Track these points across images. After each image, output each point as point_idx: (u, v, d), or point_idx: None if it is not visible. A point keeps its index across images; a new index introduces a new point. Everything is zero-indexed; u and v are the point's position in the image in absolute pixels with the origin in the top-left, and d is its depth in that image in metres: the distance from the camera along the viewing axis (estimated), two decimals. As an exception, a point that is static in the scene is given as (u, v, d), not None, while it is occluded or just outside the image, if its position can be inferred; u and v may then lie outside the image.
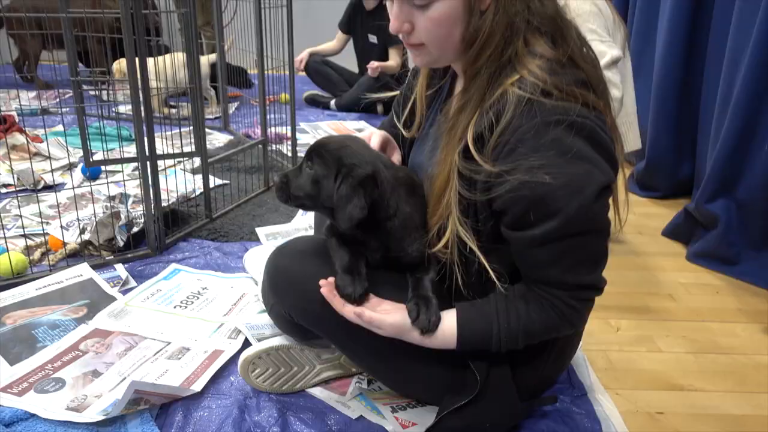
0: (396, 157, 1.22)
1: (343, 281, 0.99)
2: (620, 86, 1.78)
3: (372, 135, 1.18)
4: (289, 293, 1.10)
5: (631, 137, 1.97)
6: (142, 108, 1.66)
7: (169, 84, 2.90)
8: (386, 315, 0.98)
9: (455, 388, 1.08)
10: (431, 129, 1.11)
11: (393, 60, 3.78)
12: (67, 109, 3.44)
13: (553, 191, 0.86)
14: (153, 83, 1.87)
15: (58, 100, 3.66)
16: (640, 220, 2.30)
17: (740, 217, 1.87)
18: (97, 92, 3.42)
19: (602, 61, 1.75)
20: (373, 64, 3.69)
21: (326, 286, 0.99)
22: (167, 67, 2.68)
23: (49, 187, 2.27)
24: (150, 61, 1.81)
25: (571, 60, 0.91)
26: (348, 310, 0.98)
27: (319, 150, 1.02)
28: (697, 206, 1.98)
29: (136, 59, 1.60)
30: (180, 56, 2.79)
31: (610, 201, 0.98)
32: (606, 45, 1.75)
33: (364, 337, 1.04)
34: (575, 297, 0.96)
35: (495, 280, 0.96)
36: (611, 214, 0.99)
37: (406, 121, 1.21)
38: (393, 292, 1.03)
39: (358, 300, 0.99)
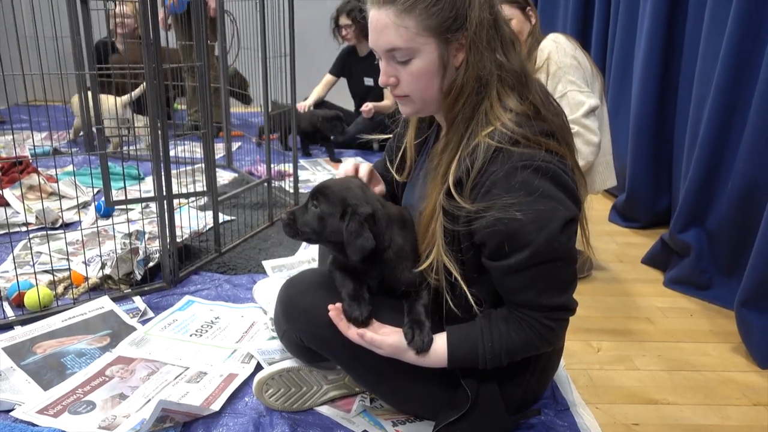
0: (379, 189, 1.37)
1: (350, 307, 1.13)
2: (598, 133, 1.96)
3: (361, 165, 1.33)
4: (300, 320, 1.24)
5: (608, 175, 2.13)
6: (161, 150, 1.82)
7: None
8: (386, 336, 1.13)
9: (449, 405, 1.22)
10: (420, 173, 1.27)
11: (388, 100, 3.98)
12: (77, 149, 3.60)
13: (523, 226, 1.01)
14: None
15: (67, 140, 3.83)
16: (621, 249, 2.45)
17: (710, 246, 2.02)
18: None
19: (581, 110, 1.93)
20: (368, 106, 3.88)
21: (334, 311, 1.14)
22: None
23: (64, 226, 2.41)
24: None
25: (536, 112, 1.08)
26: (352, 332, 1.13)
27: (324, 191, 1.16)
28: (672, 236, 2.14)
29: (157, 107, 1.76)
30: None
31: (579, 231, 1.13)
32: (584, 95, 1.93)
33: (366, 359, 1.18)
34: (549, 317, 1.10)
35: (473, 304, 1.11)
36: (581, 241, 1.14)
37: (398, 167, 1.37)
38: (391, 315, 1.18)
39: (363, 323, 1.13)
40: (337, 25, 3.93)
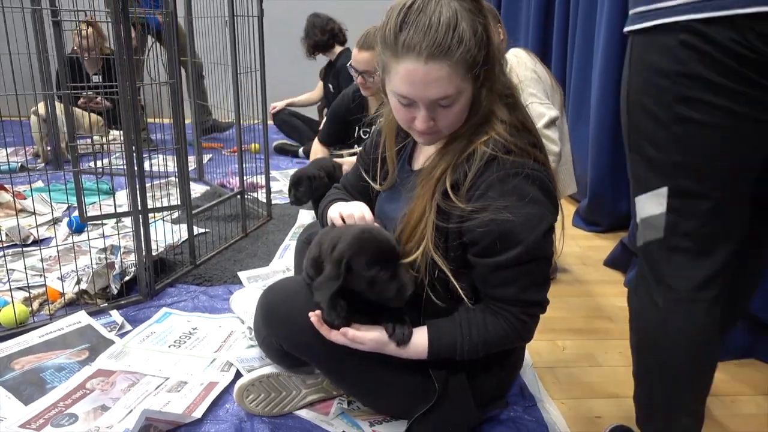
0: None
1: (329, 315, 1.19)
2: (558, 143, 2.06)
3: (363, 213, 1.32)
4: (280, 326, 1.30)
5: (568, 182, 2.25)
6: (135, 165, 1.85)
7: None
8: (366, 333, 1.19)
9: (421, 400, 1.28)
10: (399, 181, 1.33)
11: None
12: (44, 164, 3.58)
13: (515, 227, 1.10)
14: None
15: (35, 156, 3.80)
16: (584, 252, 2.56)
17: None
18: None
19: (542, 121, 2.03)
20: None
21: (315, 317, 1.20)
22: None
23: (36, 242, 2.40)
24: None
25: (522, 124, 1.17)
26: (334, 335, 1.19)
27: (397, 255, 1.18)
28: (631, 239, 2.25)
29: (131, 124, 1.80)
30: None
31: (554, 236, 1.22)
32: (545, 107, 2.04)
33: (345, 362, 1.25)
34: (525, 313, 1.19)
35: (464, 297, 1.18)
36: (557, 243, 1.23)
37: (375, 176, 1.42)
38: (365, 320, 1.24)
39: (342, 326, 1.19)
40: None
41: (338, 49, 4.08)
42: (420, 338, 1.20)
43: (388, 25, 1.08)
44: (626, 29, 1.06)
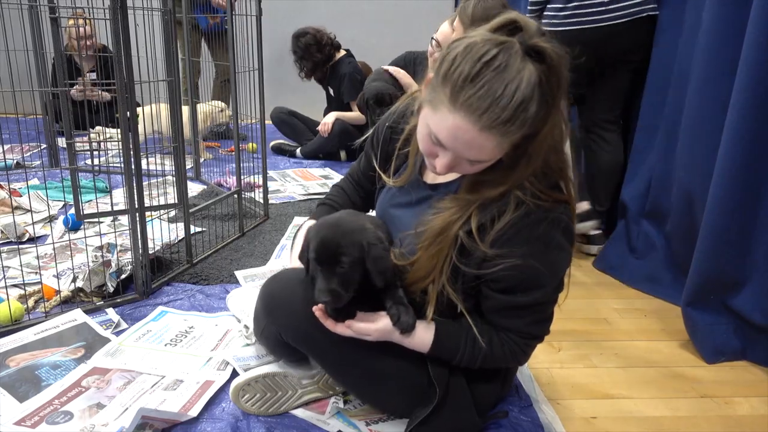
0: None
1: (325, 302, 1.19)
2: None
3: None
4: (281, 314, 1.30)
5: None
6: (132, 163, 1.84)
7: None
8: (370, 324, 1.20)
9: (421, 403, 1.29)
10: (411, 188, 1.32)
11: (357, 112, 4.07)
12: (39, 162, 3.57)
13: (539, 273, 1.12)
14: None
15: (30, 153, 3.79)
16: (581, 255, 2.57)
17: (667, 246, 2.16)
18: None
19: None
20: (322, 127, 3.98)
21: (319, 310, 1.21)
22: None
23: (31, 240, 2.39)
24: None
25: (546, 165, 1.12)
26: (339, 327, 1.20)
27: (338, 249, 1.16)
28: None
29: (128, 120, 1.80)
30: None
31: None
32: None
33: (344, 354, 1.27)
34: (526, 344, 1.23)
35: (466, 315, 1.20)
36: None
37: (390, 172, 1.39)
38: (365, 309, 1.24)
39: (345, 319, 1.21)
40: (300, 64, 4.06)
41: (337, 55, 4.10)
42: (427, 333, 1.22)
43: (458, 65, 0.98)
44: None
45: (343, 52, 4.13)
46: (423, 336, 1.22)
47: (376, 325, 1.20)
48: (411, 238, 1.20)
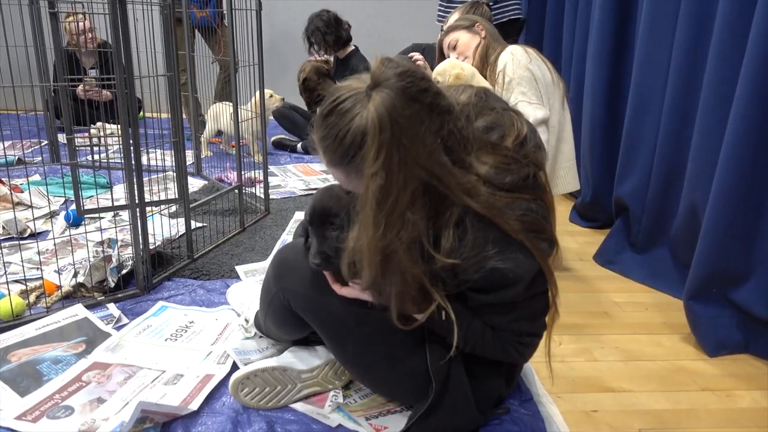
0: None
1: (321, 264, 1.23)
2: (545, 146, 2.05)
3: None
4: (290, 279, 1.33)
5: (569, 180, 2.24)
6: (133, 159, 1.84)
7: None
8: None
9: (419, 391, 1.28)
10: None
11: None
12: (40, 158, 3.57)
13: (510, 270, 1.09)
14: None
15: (32, 150, 3.79)
16: (582, 248, 2.56)
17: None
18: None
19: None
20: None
21: (328, 273, 1.25)
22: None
23: (33, 235, 2.40)
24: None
25: (514, 158, 1.12)
26: (346, 289, 1.23)
27: (327, 211, 1.22)
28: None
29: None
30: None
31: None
32: (533, 107, 2.04)
33: (348, 328, 1.28)
34: (517, 341, 1.22)
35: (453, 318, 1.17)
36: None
37: None
38: None
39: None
40: (310, 44, 4.07)
41: (348, 47, 4.10)
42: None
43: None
44: None
45: (352, 47, 4.14)
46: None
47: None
48: None
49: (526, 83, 2.05)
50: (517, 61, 2.09)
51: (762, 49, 1.56)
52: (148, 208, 1.94)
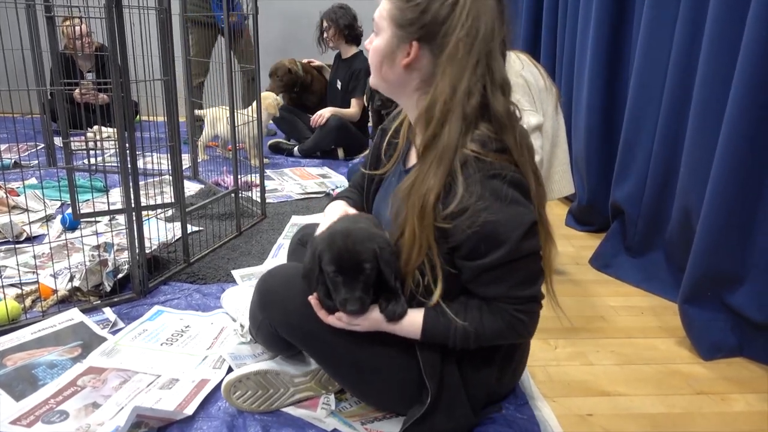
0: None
1: (326, 303, 1.24)
2: (539, 151, 2.06)
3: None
4: (276, 310, 1.32)
5: (564, 184, 2.24)
6: (129, 162, 1.84)
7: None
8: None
9: (414, 399, 1.29)
10: (395, 179, 1.35)
11: (353, 108, 4.08)
12: (37, 162, 3.57)
13: (497, 227, 1.11)
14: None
15: (28, 153, 3.79)
16: (577, 252, 2.57)
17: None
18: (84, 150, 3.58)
19: None
20: (316, 118, 4.02)
21: (314, 300, 1.24)
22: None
23: (29, 239, 2.39)
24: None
25: (497, 135, 1.16)
26: (331, 318, 1.23)
27: (353, 258, 1.18)
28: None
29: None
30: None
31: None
32: (526, 114, 2.03)
33: (337, 350, 1.28)
34: (520, 310, 1.20)
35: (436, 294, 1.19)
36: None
37: (373, 164, 1.46)
38: None
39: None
40: (321, 30, 4.13)
41: (354, 48, 4.13)
42: (416, 318, 1.22)
43: None
44: None
45: (358, 49, 4.17)
46: (413, 322, 1.22)
47: (365, 315, 1.21)
48: (389, 219, 1.25)
49: (519, 90, 2.05)
50: (510, 68, 2.09)
51: (757, 52, 1.57)
52: (144, 212, 1.94)
